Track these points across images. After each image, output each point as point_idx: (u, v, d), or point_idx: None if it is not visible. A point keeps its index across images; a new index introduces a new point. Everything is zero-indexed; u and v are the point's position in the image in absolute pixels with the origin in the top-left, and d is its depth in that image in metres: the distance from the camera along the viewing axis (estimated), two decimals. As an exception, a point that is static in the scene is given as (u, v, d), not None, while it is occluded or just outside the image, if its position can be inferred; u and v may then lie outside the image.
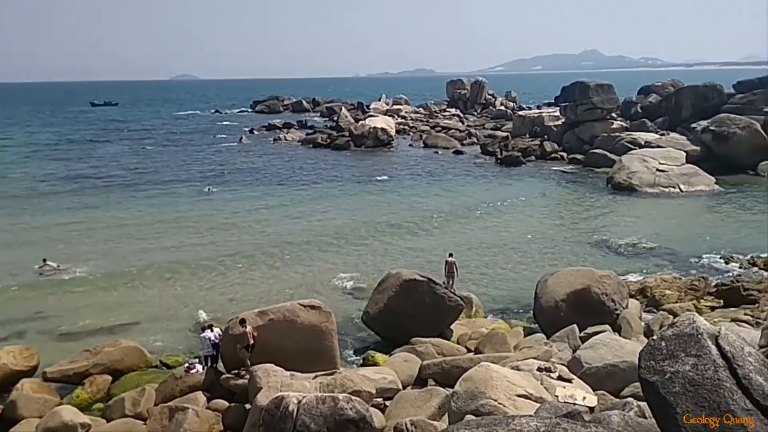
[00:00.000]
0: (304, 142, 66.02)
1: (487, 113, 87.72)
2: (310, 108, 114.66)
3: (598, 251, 26.87)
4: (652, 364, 6.36)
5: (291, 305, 15.16)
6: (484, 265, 25.09)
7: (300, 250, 27.01)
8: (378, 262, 25.23)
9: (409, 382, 14.38)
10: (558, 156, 52.23)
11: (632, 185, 39.30)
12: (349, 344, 17.85)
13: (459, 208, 35.56)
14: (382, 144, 62.55)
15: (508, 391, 10.39)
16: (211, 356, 14.85)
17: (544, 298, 17.93)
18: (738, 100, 49.70)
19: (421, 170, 49.07)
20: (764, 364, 6.72)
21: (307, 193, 39.97)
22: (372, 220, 32.31)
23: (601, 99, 52.04)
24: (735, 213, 33.66)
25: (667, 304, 18.85)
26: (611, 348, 13.49)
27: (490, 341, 15.94)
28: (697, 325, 6.58)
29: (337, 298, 21.39)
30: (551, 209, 35.74)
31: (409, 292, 17.42)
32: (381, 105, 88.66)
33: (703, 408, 5.97)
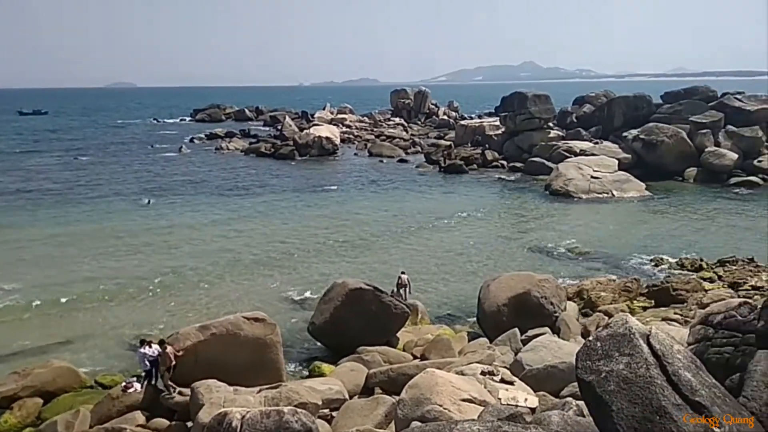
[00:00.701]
0: (247, 152, 65.21)
1: (430, 122, 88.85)
2: (253, 117, 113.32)
3: (537, 256, 27.59)
4: (589, 364, 6.61)
5: (234, 318, 14.91)
6: (429, 272, 25.39)
7: (244, 263, 26.63)
8: (324, 272, 25.13)
9: (356, 392, 14.40)
10: (499, 164, 53.43)
11: (569, 192, 40.60)
12: (295, 356, 17.71)
13: (404, 216, 35.85)
14: (327, 153, 62.50)
15: (453, 396, 10.56)
16: (149, 373, 14.30)
17: (487, 303, 18.29)
18: (666, 110, 52.04)
19: (367, 179, 49.24)
20: (692, 361, 7.08)
21: (251, 204, 39.40)
22: (318, 231, 32.18)
23: (538, 109, 53.57)
24: (664, 217, 35.16)
25: (603, 306, 19.52)
26: (551, 350, 13.90)
27: (436, 347, 16.15)
28: (629, 326, 6.87)
29: (283, 309, 21.20)
30: (493, 216, 36.48)
31: (355, 301, 17.45)
32: (326, 114, 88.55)
33: (637, 404, 6.24)
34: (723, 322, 10.65)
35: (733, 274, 22.24)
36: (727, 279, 21.87)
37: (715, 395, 6.49)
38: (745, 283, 20.98)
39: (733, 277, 21.84)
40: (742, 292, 19.49)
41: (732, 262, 23.78)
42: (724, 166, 45.41)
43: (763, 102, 50.73)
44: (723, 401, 6.49)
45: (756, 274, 21.77)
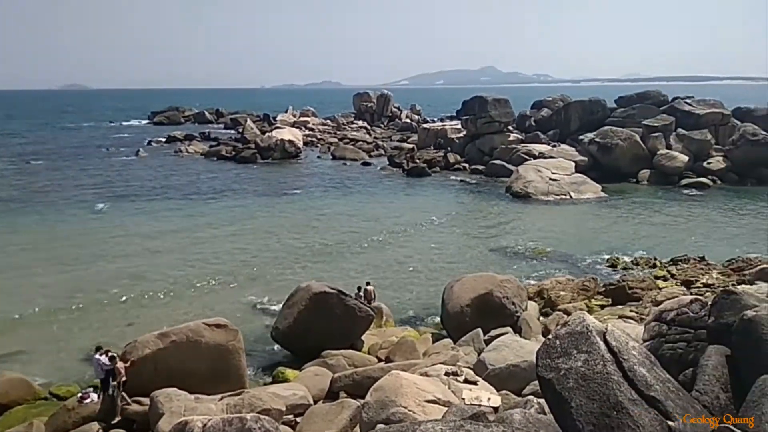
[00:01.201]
0: (207, 155, 64.32)
1: (393, 125, 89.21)
2: (213, 119, 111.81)
3: (499, 257, 28.00)
4: (548, 362, 6.79)
5: (195, 325, 14.64)
6: (393, 274, 25.51)
7: (204, 269, 26.26)
8: (287, 277, 25.00)
9: (321, 396, 14.36)
10: (461, 167, 54.03)
11: (528, 194, 41.33)
12: (258, 362, 17.54)
13: (368, 219, 35.94)
14: (289, 156, 62.16)
15: (418, 398, 10.67)
16: (106, 382, 13.82)
17: (450, 304, 18.50)
18: (619, 114, 53.45)
19: (331, 182, 49.14)
20: (647, 357, 7.33)
21: (212, 209, 38.85)
22: (281, 236, 31.99)
23: (498, 113, 54.37)
24: (619, 218, 36.07)
25: (562, 305, 19.94)
26: (513, 349, 14.15)
27: (400, 349, 16.24)
28: (586, 324, 7.07)
29: (245, 315, 21.00)
30: (455, 218, 36.84)
31: (319, 305, 17.42)
32: (288, 117, 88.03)
33: (595, 400, 6.42)
34: (676, 319, 11.01)
35: (685, 273, 22.95)
36: (680, 277, 22.57)
37: (669, 390, 6.73)
38: (696, 280, 21.69)
39: (685, 275, 22.54)
40: (694, 290, 20.15)
41: (684, 261, 24.56)
42: (676, 168, 46.81)
43: (711, 106, 52.53)
44: (676, 395, 6.74)
45: (707, 272, 22.52)
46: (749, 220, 35.24)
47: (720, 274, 22.07)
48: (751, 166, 46.14)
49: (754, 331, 7.51)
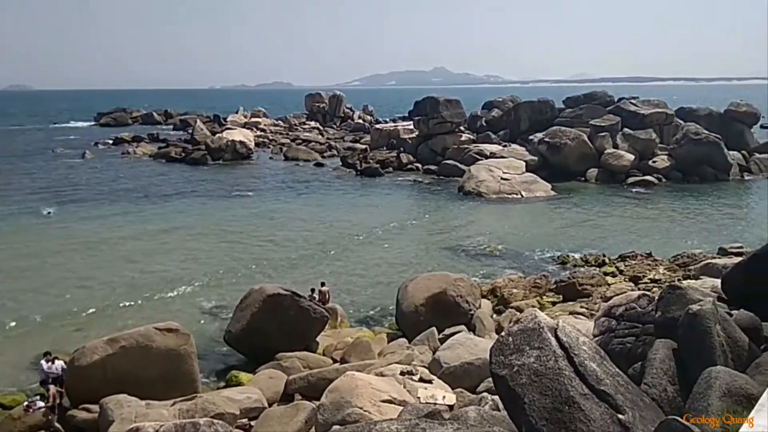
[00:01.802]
0: (156, 157, 62.89)
1: (345, 126, 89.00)
2: (162, 120, 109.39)
3: (452, 256, 28.23)
4: (502, 359, 6.85)
5: (145, 330, 14.38)
6: (347, 275, 25.42)
7: (155, 273, 25.67)
8: (239, 279, 24.63)
9: (276, 399, 14.22)
10: (414, 167, 54.32)
11: (480, 193, 41.86)
12: (211, 366, 17.23)
13: (321, 219, 35.73)
14: (241, 157, 61.31)
15: (373, 398, 10.65)
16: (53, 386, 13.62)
17: (405, 304, 18.55)
18: (568, 114, 54.68)
19: (284, 183, 48.68)
20: (597, 352, 7.46)
21: (161, 211, 37.99)
22: (233, 237, 31.52)
23: (450, 113, 54.83)
24: (569, 215, 36.87)
25: (515, 302, 20.22)
26: (467, 347, 14.27)
27: (355, 350, 16.20)
28: (538, 320, 7.16)
29: (197, 319, 20.61)
30: (409, 218, 36.98)
31: (273, 307, 17.21)
32: (239, 118, 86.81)
33: (547, 396, 6.50)
34: (624, 314, 11.29)
35: (633, 269, 23.56)
36: (628, 273, 23.16)
37: (619, 383, 6.88)
38: (644, 276, 22.30)
39: (633, 271, 23.14)
40: (642, 285, 20.71)
41: (632, 257, 25.22)
42: (622, 166, 48.13)
43: (656, 106, 54.27)
44: (626, 389, 6.89)
45: (654, 268, 23.17)
46: (693, 216, 36.51)
47: (666, 269, 22.74)
48: (694, 164, 47.76)
49: (698, 324, 7.73)
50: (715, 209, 38.52)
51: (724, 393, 6.34)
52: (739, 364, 7.55)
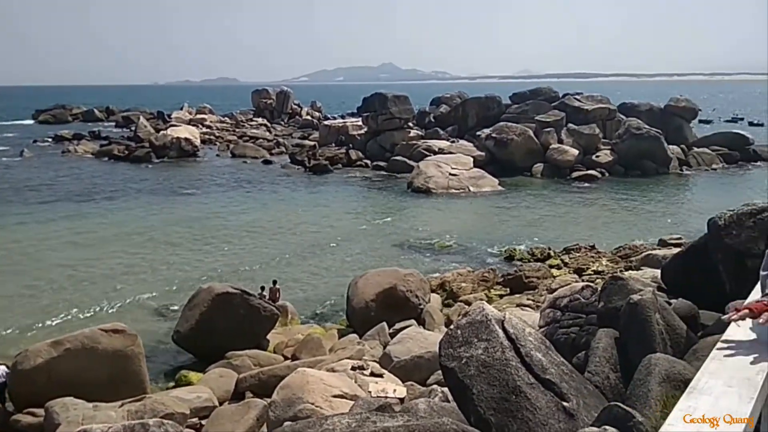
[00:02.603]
0: (98, 155, 60.96)
1: (294, 123, 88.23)
2: (103, 117, 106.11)
3: (402, 251, 28.42)
4: (451, 351, 6.97)
5: (90, 331, 14.04)
6: (297, 272, 25.29)
7: (98, 272, 24.96)
8: (187, 279, 24.16)
9: (226, 398, 14.07)
10: (363, 163, 54.32)
11: (429, 189, 42.23)
12: (160, 366, 16.89)
13: (270, 217, 35.40)
14: (186, 155, 60.00)
15: (325, 393, 10.67)
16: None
17: (356, 300, 18.60)
18: (514, 110, 55.70)
19: (231, 181, 47.96)
20: (542, 342, 7.68)
21: (105, 211, 36.87)
22: (180, 236, 30.89)
23: (398, 109, 55.07)
24: (516, 210, 37.61)
25: (463, 296, 20.52)
26: (417, 341, 14.43)
27: (306, 347, 16.16)
28: (486, 313, 7.32)
29: (144, 319, 20.15)
30: (358, 214, 37.03)
31: (222, 306, 17.00)
32: (183, 114, 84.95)
33: (495, 386, 6.66)
34: (569, 305, 11.62)
35: (577, 261, 24.21)
36: (572, 265, 23.79)
37: (563, 372, 7.10)
38: (587, 268, 22.94)
39: (577, 264, 23.78)
40: (586, 277, 21.28)
41: (576, 250, 25.90)
42: (567, 161, 49.34)
43: (599, 102, 55.84)
44: (570, 377, 7.12)
45: (597, 260, 23.87)
46: (635, 209, 37.76)
47: (609, 261, 23.43)
48: (636, 159, 49.33)
49: (639, 313, 8.03)
50: (656, 202, 39.96)
51: (663, 379, 6.61)
52: (677, 351, 7.87)
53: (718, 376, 1.87)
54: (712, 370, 1.95)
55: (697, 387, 1.80)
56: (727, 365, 1.96)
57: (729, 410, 1.62)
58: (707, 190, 44.32)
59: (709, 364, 2.02)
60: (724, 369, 1.92)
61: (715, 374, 1.89)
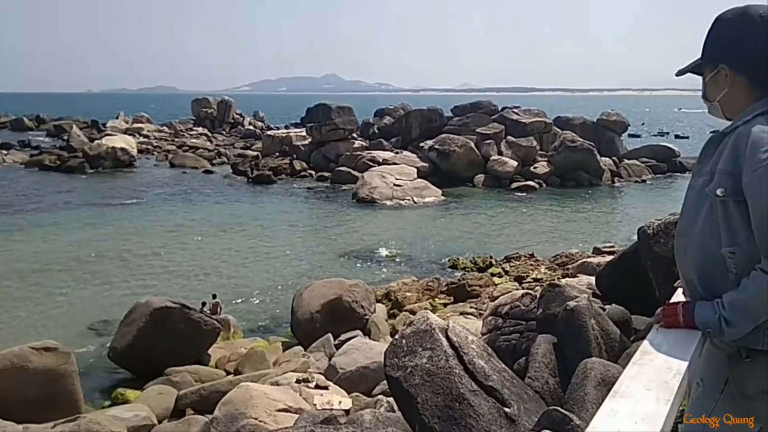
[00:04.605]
0: (28, 165, 58.39)
1: (236, 132, 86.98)
2: (33, 126, 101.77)
3: (347, 262, 28.39)
4: (395, 361, 7.05)
5: (20, 350, 13.37)
6: (240, 284, 24.86)
7: (27, 287, 23.87)
8: (123, 293, 23.31)
9: (166, 415, 13.65)
10: (307, 174, 54.06)
11: (374, 199, 42.39)
12: (95, 385, 16.24)
13: (211, 228, 34.67)
14: (122, 165, 58.23)
15: (269, 408, 10.53)
16: None
17: (300, 311, 18.44)
18: (455, 122, 56.61)
19: (170, 192, 46.77)
20: (484, 349, 7.83)
21: (33, 224, 35.16)
22: (114, 249, 29.85)
23: (342, 120, 55.16)
24: (458, 220, 38.16)
25: (408, 305, 20.60)
26: (362, 351, 14.42)
27: (249, 360, 15.90)
28: (430, 322, 7.43)
29: (77, 336, 19.34)
30: (303, 225, 36.79)
31: (161, 321, 16.54)
32: (119, 123, 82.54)
33: (439, 394, 6.76)
34: (510, 313, 11.89)
35: (517, 269, 24.71)
36: (513, 273, 24.25)
37: (505, 378, 7.27)
38: (527, 276, 23.43)
39: (517, 272, 24.27)
40: (526, 285, 21.72)
41: (516, 258, 26.46)
42: (506, 172, 50.46)
43: (536, 115, 57.39)
44: (511, 383, 7.29)
45: (536, 268, 24.43)
46: (570, 218, 38.92)
47: (547, 269, 24.01)
48: (571, 170, 50.94)
49: (575, 319, 8.32)
50: (590, 211, 41.32)
51: (598, 382, 6.87)
52: (612, 354, 8.19)
53: (638, 380, 1.99)
54: (633, 374, 2.07)
55: (619, 391, 1.91)
56: (647, 369, 2.08)
57: (647, 412, 1.73)
58: (637, 200, 46.16)
59: (630, 369, 2.14)
60: (644, 373, 2.04)
61: (636, 378, 2.01)
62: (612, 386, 1.86)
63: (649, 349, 2.25)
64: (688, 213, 2.72)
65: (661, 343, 2.29)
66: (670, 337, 2.34)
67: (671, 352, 2.19)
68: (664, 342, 2.31)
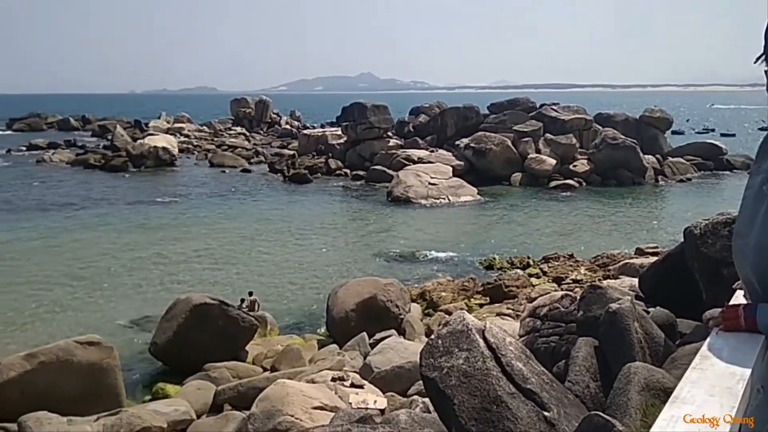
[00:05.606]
0: (74, 164, 60.12)
1: (273, 132, 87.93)
2: (79, 126, 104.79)
3: (382, 261, 28.37)
4: (431, 361, 6.96)
5: (65, 344, 13.76)
6: (277, 282, 25.10)
7: (73, 283, 24.53)
8: (164, 289, 23.85)
9: (204, 411, 13.86)
10: (342, 173, 54.27)
11: (409, 198, 42.27)
12: (136, 379, 16.63)
13: (249, 227, 35.13)
14: (164, 164, 59.45)
15: (305, 405, 10.57)
16: None
17: (335, 310, 18.51)
18: (492, 120, 56.07)
19: (209, 190, 47.61)
20: (522, 351, 7.69)
21: (79, 221, 36.33)
22: (156, 246, 30.49)
23: (377, 119, 55.16)
24: (494, 219, 37.81)
25: (444, 305, 20.48)
26: (397, 351, 14.38)
27: (286, 357, 16.02)
28: (466, 322, 7.32)
29: (120, 331, 19.81)
30: (338, 224, 36.94)
31: (200, 317, 16.81)
32: (161, 123, 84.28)
33: (476, 396, 6.65)
34: (548, 314, 11.68)
35: (556, 270, 24.34)
36: (551, 274, 23.90)
37: (544, 382, 7.12)
38: (566, 277, 23.06)
39: (556, 272, 23.90)
40: (564, 286, 21.38)
41: (554, 259, 26.06)
42: (545, 171, 49.78)
43: (575, 112, 56.49)
44: (551, 387, 7.14)
45: (575, 269, 24.01)
46: (611, 218, 38.17)
47: (587, 270, 23.56)
48: (612, 168, 49.93)
49: (618, 322, 8.10)
50: (632, 211, 40.45)
51: (642, 387, 6.66)
52: (656, 359, 7.95)
53: (700, 385, 1.89)
54: (694, 379, 1.97)
55: (680, 396, 1.82)
56: (708, 374, 1.98)
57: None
58: (682, 199, 45.00)
59: (691, 374, 2.04)
60: (705, 378, 1.95)
61: (697, 383, 1.92)
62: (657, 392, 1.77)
63: (710, 353, 2.14)
64: (745, 213, 2.61)
65: (722, 348, 2.17)
66: (731, 341, 2.23)
67: (733, 356, 2.08)
68: (725, 346, 2.19)
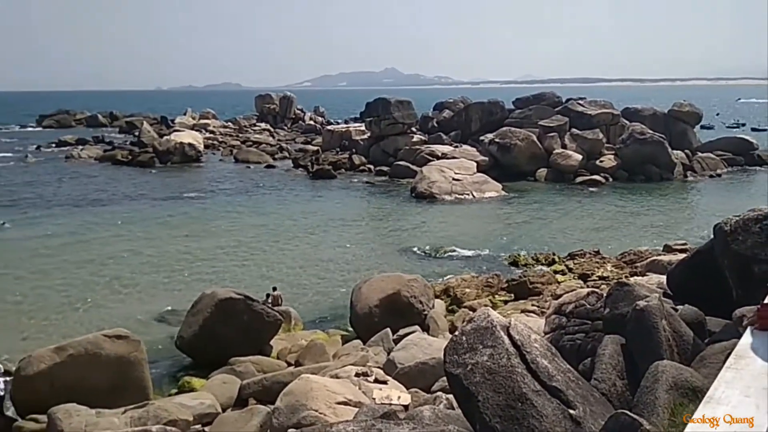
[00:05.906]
0: (101, 160, 61.19)
1: (297, 128, 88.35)
2: (107, 123, 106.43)
3: (405, 257, 28.35)
4: (455, 358, 6.92)
5: (94, 337, 14.04)
6: (301, 277, 25.24)
7: (102, 277, 24.97)
8: (190, 284, 24.15)
9: (230, 404, 14.02)
10: (366, 168, 54.31)
11: (432, 194, 42.14)
12: (163, 372, 16.86)
13: (273, 222, 35.39)
14: (190, 160, 60.14)
15: (329, 400, 10.62)
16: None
17: (359, 305, 18.53)
18: (517, 115, 55.60)
19: (234, 186, 48.04)
20: (548, 349, 7.60)
21: (107, 215, 36.89)
22: (182, 241, 30.89)
23: (401, 114, 55.03)
24: (519, 215, 37.50)
25: (468, 302, 20.39)
26: (421, 347, 14.36)
27: (310, 352, 16.10)
28: (491, 319, 7.26)
29: (147, 325, 20.13)
30: (362, 219, 36.99)
31: (225, 312, 16.98)
32: (187, 119, 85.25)
33: (501, 393, 6.59)
34: (574, 311, 11.56)
35: (582, 266, 24.07)
36: (577, 271, 23.65)
37: (570, 379, 7.03)
38: (592, 274, 22.80)
39: (582, 269, 23.64)
40: (590, 283, 21.16)
41: (580, 255, 25.76)
42: (570, 166, 49.25)
43: (602, 107, 55.76)
44: (576, 384, 7.05)
45: (602, 266, 23.72)
46: (639, 214, 37.63)
47: (614, 267, 23.28)
48: (639, 164, 49.20)
49: (645, 320, 7.97)
50: (660, 207, 39.83)
51: (670, 386, 6.54)
52: (684, 357, 7.81)
53: (734, 385, 1.84)
54: (728, 379, 1.91)
55: (714, 396, 1.77)
56: (743, 375, 1.93)
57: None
58: (712, 195, 44.18)
59: (725, 374, 1.98)
60: (741, 378, 1.89)
61: (732, 384, 1.86)
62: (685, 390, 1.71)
63: (745, 352, 2.08)
64: None
65: (758, 347, 2.11)
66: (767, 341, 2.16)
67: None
68: (761, 346, 2.13)
